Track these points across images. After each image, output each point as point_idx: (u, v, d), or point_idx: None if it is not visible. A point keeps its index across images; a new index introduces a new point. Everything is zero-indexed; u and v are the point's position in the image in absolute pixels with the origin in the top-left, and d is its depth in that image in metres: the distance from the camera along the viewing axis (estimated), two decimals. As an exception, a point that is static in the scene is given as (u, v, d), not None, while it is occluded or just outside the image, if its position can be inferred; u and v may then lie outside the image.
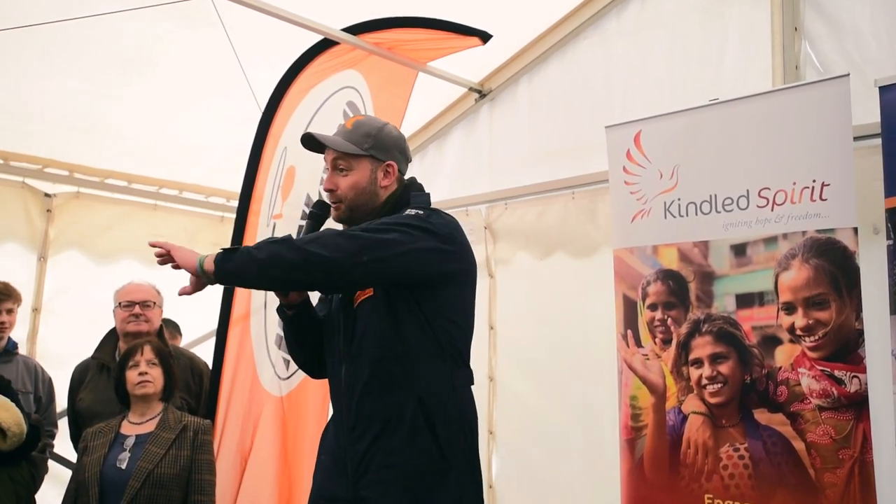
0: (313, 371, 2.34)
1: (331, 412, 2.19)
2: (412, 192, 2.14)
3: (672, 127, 2.94)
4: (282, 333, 2.35)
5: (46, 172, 4.21)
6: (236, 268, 1.86)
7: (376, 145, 2.08)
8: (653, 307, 2.93)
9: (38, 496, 3.14)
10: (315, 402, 3.19)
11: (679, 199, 2.88)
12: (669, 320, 2.88)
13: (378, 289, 2.01)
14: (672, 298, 2.88)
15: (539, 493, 3.86)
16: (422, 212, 2.00)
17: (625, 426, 2.98)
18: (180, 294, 1.97)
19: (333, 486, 2.06)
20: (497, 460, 4.19)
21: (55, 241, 4.24)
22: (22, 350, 3.68)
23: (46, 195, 4.21)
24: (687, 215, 2.86)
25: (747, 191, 2.69)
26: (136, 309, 3.23)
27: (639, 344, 2.96)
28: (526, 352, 4.03)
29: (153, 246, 1.95)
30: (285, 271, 1.85)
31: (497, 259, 4.27)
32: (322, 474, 2.14)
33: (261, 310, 3.37)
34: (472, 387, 2.13)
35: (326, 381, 2.22)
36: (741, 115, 2.75)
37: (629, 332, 3.00)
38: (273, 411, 3.40)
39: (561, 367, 3.89)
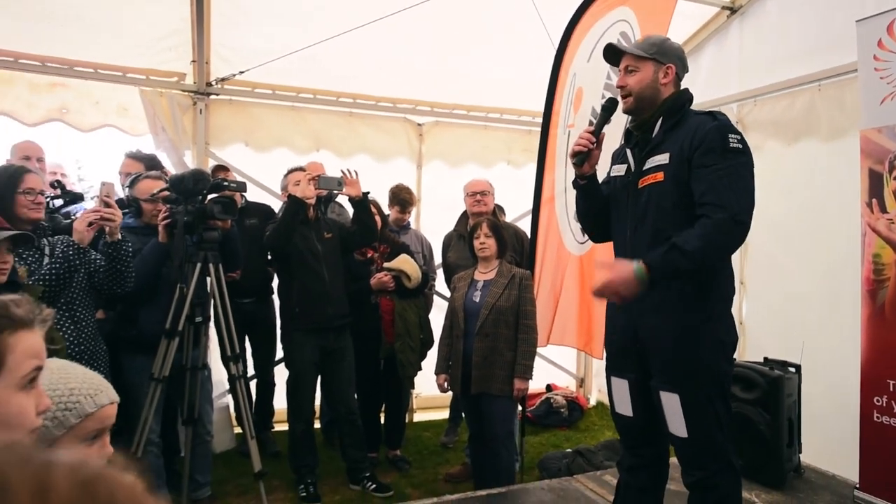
0: (597, 235, 2.48)
1: None
2: (687, 101, 2.18)
3: (931, 10, 2.69)
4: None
5: (418, 109, 5.04)
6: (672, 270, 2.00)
7: (659, 51, 2.17)
8: (900, 177, 2.77)
9: (430, 316, 4.07)
10: (603, 259, 3.48)
11: (935, 78, 2.65)
12: (918, 188, 2.73)
13: (668, 179, 2.08)
14: (920, 168, 2.72)
15: (782, 331, 3.88)
16: (737, 135, 2.04)
17: (867, 279, 2.91)
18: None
19: (620, 323, 2.27)
20: (746, 305, 4.27)
21: (425, 156, 5.12)
22: (412, 226, 4.68)
23: (418, 125, 5.09)
24: (942, 92, 2.63)
25: None
26: (478, 197, 4.01)
27: (883, 210, 2.85)
28: (774, 220, 3.87)
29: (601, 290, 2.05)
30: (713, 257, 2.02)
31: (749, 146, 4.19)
32: (611, 319, 2.35)
33: (562, 194, 3.82)
34: None
35: (612, 245, 2.36)
36: None
37: (874, 200, 2.89)
38: (575, 266, 3.84)
39: (805, 232, 3.82)
